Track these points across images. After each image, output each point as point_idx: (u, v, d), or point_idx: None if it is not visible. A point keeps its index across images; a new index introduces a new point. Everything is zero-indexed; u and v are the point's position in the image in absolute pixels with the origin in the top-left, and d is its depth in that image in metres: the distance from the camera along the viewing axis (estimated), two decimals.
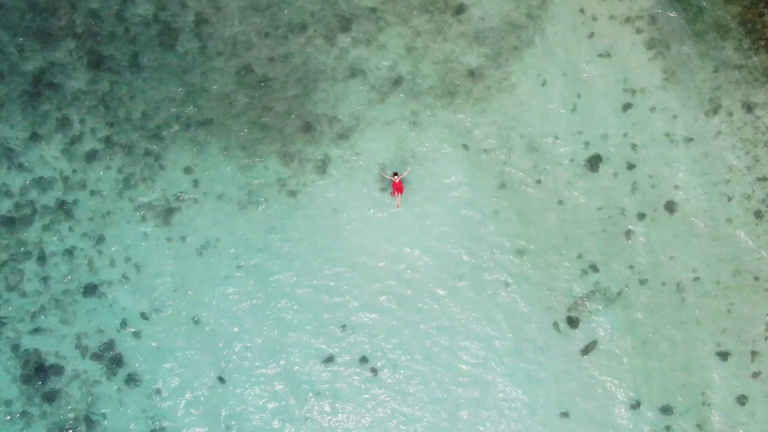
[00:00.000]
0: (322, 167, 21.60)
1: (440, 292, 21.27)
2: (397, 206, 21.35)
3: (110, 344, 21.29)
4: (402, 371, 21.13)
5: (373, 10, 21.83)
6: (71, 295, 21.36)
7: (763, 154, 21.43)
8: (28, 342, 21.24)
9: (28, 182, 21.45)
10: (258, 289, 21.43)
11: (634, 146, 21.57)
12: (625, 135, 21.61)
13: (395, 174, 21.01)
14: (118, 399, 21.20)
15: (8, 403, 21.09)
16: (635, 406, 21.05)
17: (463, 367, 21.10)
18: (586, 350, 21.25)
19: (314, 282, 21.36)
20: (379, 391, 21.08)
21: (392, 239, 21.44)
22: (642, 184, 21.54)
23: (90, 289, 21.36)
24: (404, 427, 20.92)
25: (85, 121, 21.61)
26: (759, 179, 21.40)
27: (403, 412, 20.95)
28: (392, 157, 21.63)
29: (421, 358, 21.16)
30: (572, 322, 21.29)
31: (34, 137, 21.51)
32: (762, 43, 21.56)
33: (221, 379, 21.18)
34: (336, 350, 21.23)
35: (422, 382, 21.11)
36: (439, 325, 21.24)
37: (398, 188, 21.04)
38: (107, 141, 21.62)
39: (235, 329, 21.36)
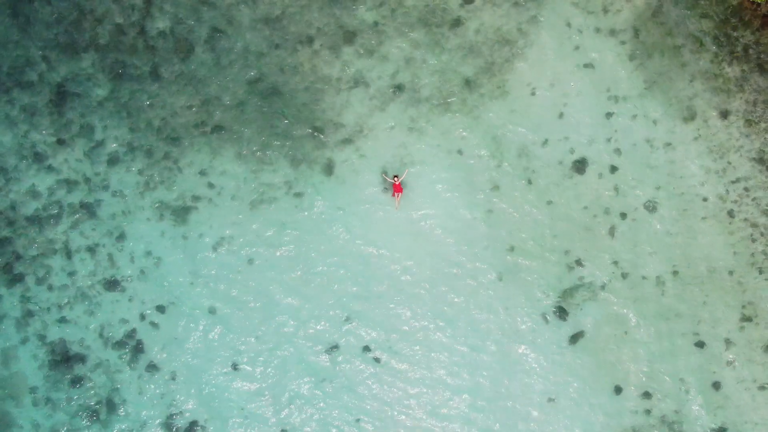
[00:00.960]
0: (328, 170, 23.11)
1: (438, 284, 22.77)
2: (396, 207, 22.87)
3: (131, 334, 22.80)
4: (402, 358, 22.62)
5: (375, 24, 23.34)
6: (95, 288, 22.88)
7: (735, 159, 22.99)
8: (54, 332, 22.76)
9: (54, 184, 22.96)
10: (268, 282, 22.89)
11: (617, 151, 23.10)
12: (608, 140, 23.13)
13: (395, 176, 22.56)
14: (138, 385, 22.70)
15: (34, 389, 22.61)
16: (618, 391, 22.58)
17: (458, 355, 22.62)
18: (573, 340, 22.78)
19: (320, 276, 22.84)
20: (382, 377, 22.56)
21: (393, 236, 22.88)
22: (624, 186, 23.07)
23: (112, 283, 22.88)
24: (404, 410, 22.42)
25: (107, 127, 23.10)
26: (732, 182, 22.94)
27: (404, 395, 22.47)
28: (393, 161, 23.15)
29: (419, 346, 22.66)
30: (560, 314, 22.83)
31: (61, 142, 23.02)
32: (735, 54, 23.12)
33: (235, 367, 22.69)
34: (341, 339, 22.74)
35: (421, 368, 22.60)
36: (437, 316, 22.73)
37: (398, 189, 22.58)
38: (128, 145, 23.12)
39: (248, 320, 22.83)
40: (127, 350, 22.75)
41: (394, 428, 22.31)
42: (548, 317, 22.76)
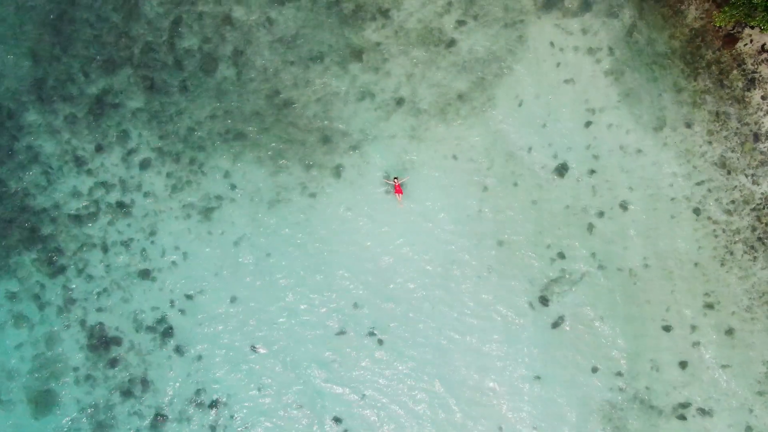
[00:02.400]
0: (337, 173, 25.87)
1: (435, 274, 25.47)
2: (400, 205, 25.58)
3: (161, 320, 25.48)
4: (403, 341, 25.27)
5: (379, 44, 26.12)
6: (129, 279, 25.56)
7: (700, 163, 25.78)
8: (93, 318, 25.43)
9: (93, 185, 25.67)
10: (284, 274, 25.55)
11: (594, 156, 25.87)
12: (587, 147, 25.90)
13: (395, 178, 25.30)
14: (168, 365, 25.35)
15: (76, 368, 25.26)
16: (595, 371, 25.29)
17: (455, 337, 25.31)
18: (555, 324, 25.51)
19: (330, 267, 25.49)
20: (385, 358, 25.25)
21: (395, 231, 25.56)
22: (601, 188, 25.84)
23: (144, 274, 25.58)
24: (403, 385, 25.11)
25: (140, 135, 25.84)
26: (697, 184, 25.72)
27: (404, 372, 25.13)
28: (394, 165, 25.91)
29: (419, 330, 25.33)
30: (543, 301, 25.57)
31: (99, 148, 25.75)
32: (698, 71, 25.93)
33: (254, 349, 25.37)
34: (349, 324, 25.43)
35: (421, 349, 25.26)
36: (434, 303, 25.42)
37: (399, 190, 25.33)
38: (159, 151, 25.86)
39: (265, 307, 25.48)
40: (158, 334, 25.41)
41: (397, 401, 25.00)
42: (533, 304, 25.46)
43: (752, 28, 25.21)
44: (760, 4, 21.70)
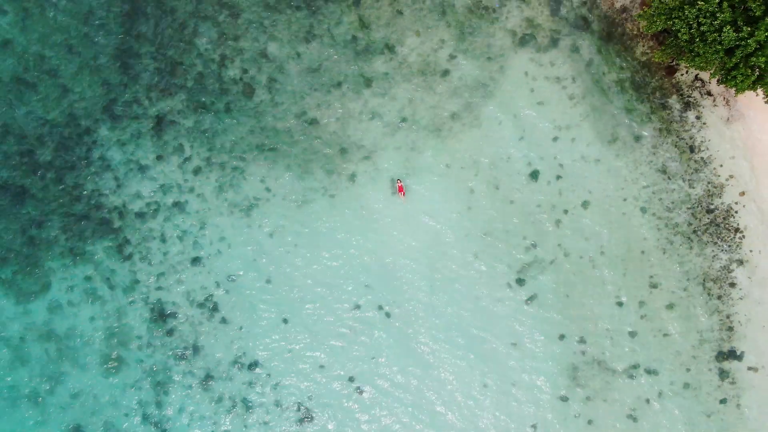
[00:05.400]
0: (353, 178, 31.67)
1: (431, 260, 31.24)
2: (404, 202, 31.30)
3: (209, 297, 31.18)
4: (406, 314, 31.05)
5: (386, 73, 32.03)
6: (183, 264, 31.27)
7: (646, 170, 31.70)
8: (153, 296, 31.10)
9: (155, 188, 31.47)
10: (309, 260, 31.26)
11: (560, 165, 31.73)
12: (554, 157, 31.79)
13: (398, 180, 31.06)
14: (214, 335, 31.04)
15: (139, 337, 30.90)
16: (561, 338, 31.11)
17: (448, 310, 31.10)
18: (529, 301, 31.34)
19: (348, 254, 31.24)
20: (391, 327, 30.98)
21: (399, 225, 31.27)
22: (566, 190, 31.71)
23: (196, 260, 31.32)
24: (408, 349, 30.88)
25: (193, 147, 31.63)
26: (644, 186, 31.64)
27: (408, 338, 30.91)
28: (399, 171, 31.72)
29: (417, 307, 31.12)
30: (520, 282, 31.40)
31: (159, 158, 31.54)
32: (645, 95, 31.92)
33: (285, 321, 31.13)
34: (362, 301, 31.19)
35: (421, 321, 31.04)
36: (431, 283, 31.20)
37: (401, 190, 31.17)
38: (208, 160, 31.67)
39: (295, 287, 31.15)
40: (206, 309, 31.13)
41: (400, 357, 30.81)
42: (511, 284, 31.30)
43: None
44: (686, 47, 27.74)
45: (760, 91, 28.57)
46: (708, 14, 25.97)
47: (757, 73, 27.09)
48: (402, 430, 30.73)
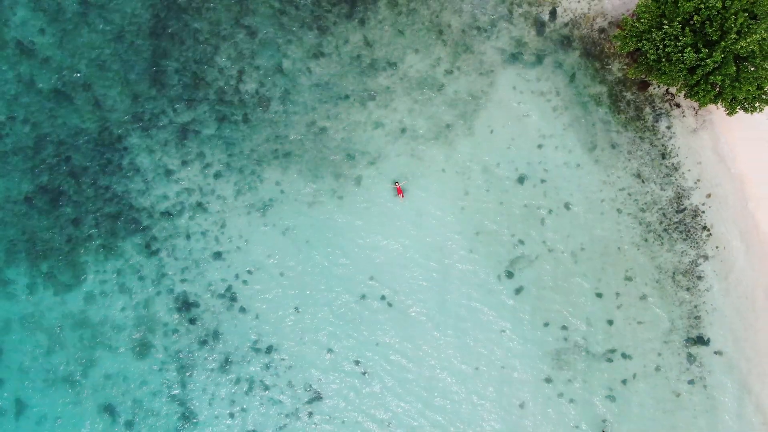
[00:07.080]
0: (358, 181, 35.11)
1: (430, 254, 34.58)
2: (402, 200, 34.64)
3: (229, 289, 34.53)
4: (406, 304, 34.44)
5: (388, 87, 35.52)
6: (205, 258, 34.64)
7: (622, 174, 35.23)
8: (178, 287, 34.44)
9: (179, 190, 34.85)
10: (319, 256, 34.63)
11: (545, 170, 35.26)
12: (539, 163, 35.29)
13: (396, 182, 34.48)
14: (233, 323, 34.35)
15: (166, 324, 34.22)
16: (546, 325, 34.53)
17: (445, 298, 34.51)
18: (517, 292, 34.77)
19: (353, 250, 34.63)
20: (392, 316, 34.37)
21: (400, 224, 34.61)
22: (550, 192, 35.22)
23: (217, 255, 34.67)
24: (407, 335, 34.27)
25: (214, 154, 35.07)
26: (620, 189, 35.18)
27: (407, 325, 34.26)
28: (400, 175, 35.18)
29: (417, 296, 34.52)
30: (509, 275, 34.83)
31: (183, 163, 34.96)
32: (621, 108, 35.51)
33: (297, 310, 34.51)
34: (366, 291, 34.57)
35: (420, 310, 34.42)
36: (430, 276, 34.57)
37: (399, 191, 34.61)
38: (227, 165, 35.07)
39: (305, 280, 34.54)
40: (226, 299, 34.47)
41: (401, 341, 34.20)
42: (501, 277, 34.76)
43: None
44: (654, 65, 31.35)
45: (720, 105, 32.17)
46: (672, 37, 29.59)
47: (717, 89, 30.69)
48: (400, 407, 34.09)
